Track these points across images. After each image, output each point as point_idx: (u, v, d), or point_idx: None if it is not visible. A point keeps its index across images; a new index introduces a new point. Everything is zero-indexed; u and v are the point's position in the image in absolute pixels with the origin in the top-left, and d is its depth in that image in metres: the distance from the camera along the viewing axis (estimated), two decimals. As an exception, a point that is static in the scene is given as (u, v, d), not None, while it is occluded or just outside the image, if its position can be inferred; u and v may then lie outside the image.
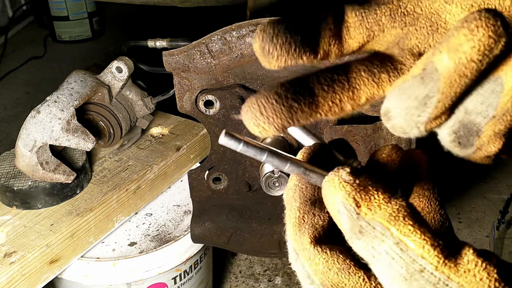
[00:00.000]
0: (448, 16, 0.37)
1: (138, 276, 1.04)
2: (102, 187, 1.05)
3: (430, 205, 0.42)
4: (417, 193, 0.41)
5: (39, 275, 0.91)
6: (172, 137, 1.24)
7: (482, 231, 1.72)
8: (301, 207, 0.37)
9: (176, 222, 1.13)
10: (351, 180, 0.33)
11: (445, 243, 0.31)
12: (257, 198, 1.00)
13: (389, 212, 0.32)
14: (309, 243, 0.35)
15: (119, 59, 1.09)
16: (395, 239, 0.31)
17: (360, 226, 0.32)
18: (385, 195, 0.32)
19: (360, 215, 0.32)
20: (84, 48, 3.21)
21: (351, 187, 0.33)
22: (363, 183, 0.33)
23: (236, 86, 0.87)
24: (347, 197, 0.32)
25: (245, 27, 0.82)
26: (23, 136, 0.94)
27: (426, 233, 0.31)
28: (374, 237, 0.32)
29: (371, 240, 0.32)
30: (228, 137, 0.35)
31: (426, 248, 0.30)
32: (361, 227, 0.32)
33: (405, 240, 0.31)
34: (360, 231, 0.32)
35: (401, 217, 0.31)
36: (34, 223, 0.95)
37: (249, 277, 1.56)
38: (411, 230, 0.31)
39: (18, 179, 0.98)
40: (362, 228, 0.32)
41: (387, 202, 0.32)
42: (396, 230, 0.31)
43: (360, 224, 0.32)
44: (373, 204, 0.32)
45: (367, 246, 0.32)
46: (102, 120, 1.08)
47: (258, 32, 0.35)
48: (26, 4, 3.53)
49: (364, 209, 0.32)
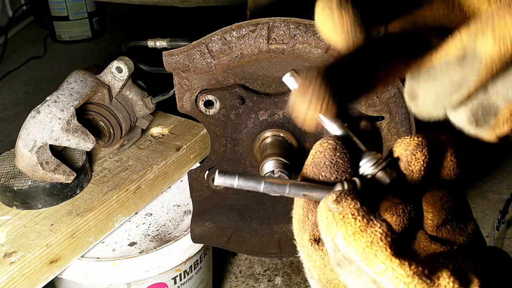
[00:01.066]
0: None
1: (138, 276, 1.04)
2: (102, 187, 1.05)
3: (454, 200, 0.40)
4: (439, 187, 0.40)
5: (39, 275, 0.91)
6: (172, 137, 1.24)
7: (482, 231, 1.71)
8: (305, 205, 0.38)
9: (176, 222, 1.13)
10: (334, 208, 0.32)
11: (425, 274, 0.29)
12: (257, 198, 1.00)
13: (364, 243, 0.30)
14: (308, 240, 0.36)
15: (119, 59, 1.09)
16: (371, 277, 0.30)
17: (338, 259, 0.31)
18: (362, 222, 0.31)
19: (336, 247, 0.31)
20: (84, 48, 3.21)
21: (332, 217, 0.32)
22: (345, 210, 0.32)
23: (236, 86, 0.87)
24: (326, 228, 0.32)
25: (245, 27, 0.82)
26: (23, 136, 0.94)
27: (401, 267, 0.29)
28: (350, 272, 0.31)
29: (349, 274, 0.31)
30: (222, 176, 0.35)
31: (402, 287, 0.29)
32: (339, 259, 0.31)
33: (379, 280, 0.30)
34: (338, 263, 0.32)
35: (376, 251, 0.30)
36: (34, 223, 0.95)
37: (249, 277, 1.55)
38: (386, 267, 0.30)
39: (18, 179, 0.98)
40: (340, 261, 0.31)
41: (363, 231, 0.31)
42: (370, 270, 0.30)
43: (338, 257, 0.31)
44: (349, 234, 0.31)
45: (347, 279, 0.31)
46: (102, 120, 1.08)
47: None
48: (26, 4, 3.53)
49: (339, 241, 0.31)
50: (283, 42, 0.82)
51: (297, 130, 0.90)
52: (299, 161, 0.94)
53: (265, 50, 0.83)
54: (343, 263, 0.31)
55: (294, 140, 0.90)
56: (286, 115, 0.89)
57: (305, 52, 0.82)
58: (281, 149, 0.86)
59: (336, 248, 0.31)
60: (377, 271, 0.30)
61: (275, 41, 0.82)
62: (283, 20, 0.81)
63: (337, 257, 0.31)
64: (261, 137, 0.90)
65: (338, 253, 0.31)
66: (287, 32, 0.82)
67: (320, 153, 0.40)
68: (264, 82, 0.89)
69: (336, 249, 0.31)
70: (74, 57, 3.07)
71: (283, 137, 0.89)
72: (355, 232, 0.31)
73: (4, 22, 3.30)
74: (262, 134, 0.90)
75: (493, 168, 2.01)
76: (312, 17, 0.41)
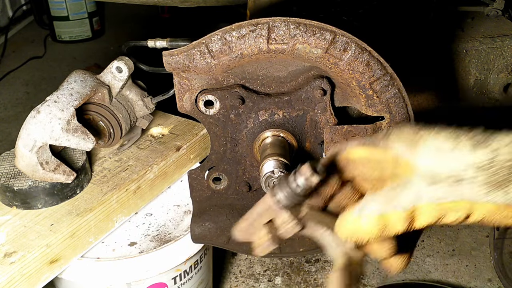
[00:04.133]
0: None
1: (138, 276, 1.04)
2: (102, 187, 1.05)
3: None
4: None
5: (39, 275, 0.91)
6: (172, 137, 1.24)
7: (482, 231, 1.72)
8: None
9: (176, 222, 1.13)
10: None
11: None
12: (257, 198, 1.00)
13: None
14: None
15: (119, 59, 1.09)
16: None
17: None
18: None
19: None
20: (84, 48, 3.21)
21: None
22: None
23: (236, 86, 0.87)
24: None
25: (245, 27, 0.82)
26: (23, 136, 0.94)
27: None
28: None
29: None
30: None
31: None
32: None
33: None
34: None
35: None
36: (34, 223, 0.95)
37: (249, 277, 1.56)
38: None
39: (18, 179, 0.98)
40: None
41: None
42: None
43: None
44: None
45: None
46: (102, 120, 1.08)
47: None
48: (26, 4, 3.53)
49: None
50: (283, 42, 0.82)
51: (297, 130, 0.90)
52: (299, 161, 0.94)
53: (265, 50, 0.83)
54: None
55: (294, 140, 0.90)
56: (286, 115, 0.89)
57: (305, 52, 0.82)
58: (281, 149, 0.86)
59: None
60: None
61: (275, 41, 0.82)
62: (283, 20, 0.81)
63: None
64: (261, 137, 0.90)
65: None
66: (287, 32, 0.82)
67: None
68: (264, 82, 0.89)
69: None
70: (74, 57, 3.07)
71: (283, 137, 0.89)
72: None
73: (4, 22, 3.30)
74: (262, 134, 0.90)
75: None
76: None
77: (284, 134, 0.89)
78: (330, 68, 0.83)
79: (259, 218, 0.60)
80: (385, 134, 0.56)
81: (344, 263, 0.54)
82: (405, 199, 0.52)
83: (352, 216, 0.55)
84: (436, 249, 1.66)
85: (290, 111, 0.88)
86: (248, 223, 0.61)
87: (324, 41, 0.81)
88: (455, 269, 1.58)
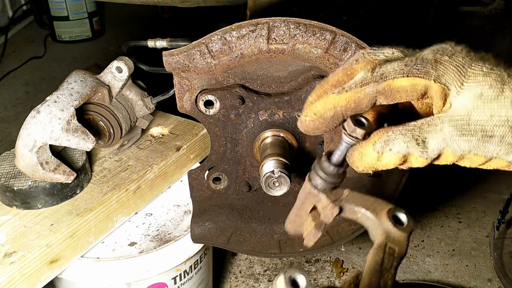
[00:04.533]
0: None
1: (138, 276, 1.04)
2: (102, 187, 1.05)
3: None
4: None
5: (39, 275, 0.91)
6: (172, 137, 1.24)
7: (482, 231, 1.72)
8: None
9: (176, 222, 1.13)
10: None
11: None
12: (257, 198, 1.00)
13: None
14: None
15: (119, 59, 1.09)
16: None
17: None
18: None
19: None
20: (84, 48, 3.21)
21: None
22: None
23: (236, 86, 0.87)
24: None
25: (245, 27, 0.82)
26: (23, 136, 0.94)
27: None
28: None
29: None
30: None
31: None
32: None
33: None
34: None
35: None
36: (34, 223, 0.95)
37: (249, 277, 1.55)
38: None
39: (18, 179, 0.98)
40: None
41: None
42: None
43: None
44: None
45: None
46: (102, 120, 1.08)
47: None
48: (26, 4, 3.53)
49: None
50: (283, 42, 0.82)
51: (297, 130, 0.90)
52: (299, 161, 0.94)
53: (265, 50, 0.83)
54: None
55: (294, 140, 0.90)
56: (286, 115, 0.89)
57: (305, 52, 0.82)
58: (281, 149, 0.86)
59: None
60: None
61: (275, 41, 0.82)
62: (283, 20, 0.81)
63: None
64: (261, 137, 0.90)
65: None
66: (287, 32, 0.82)
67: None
68: (264, 82, 0.89)
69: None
70: (74, 57, 3.07)
71: (283, 137, 0.89)
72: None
73: (4, 22, 3.30)
74: (262, 134, 0.90)
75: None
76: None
77: (284, 134, 0.89)
78: (330, 68, 0.83)
79: (302, 206, 0.59)
80: (433, 63, 0.52)
81: (383, 242, 0.52)
82: (433, 143, 0.50)
83: (374, 150, 0.52)
84: (436, 249, 1.66)
85: (290, 111, 0.88)
86: (294, 214, 0.60)
87: (324, 41, 0.81)
88: (455, 269, 1.58)
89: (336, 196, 0.57)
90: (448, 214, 1.80)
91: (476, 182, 1.93)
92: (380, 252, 0.51)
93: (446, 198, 1.86)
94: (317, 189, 0.57)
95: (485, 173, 2.03)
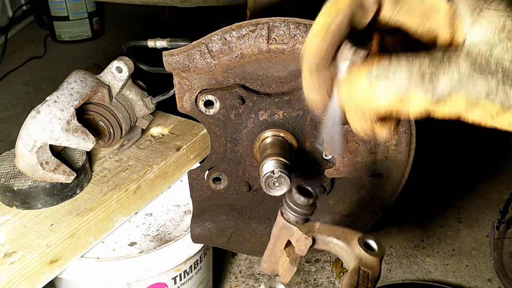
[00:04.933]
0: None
1: (138, 276, 1.04)
2: (102, 187, 1.05)
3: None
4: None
5: (39, 275, 0.91)
6: (172, 137, 1.24)
7: (482, 231, 1.72)
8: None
9: (176, 222, 1.13)
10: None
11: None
12: (257, 198, 1.00)
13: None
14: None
15: (119, 59, 1.09)
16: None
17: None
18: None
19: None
20: (84, 48, 3.21)
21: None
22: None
23: (236, 86, 0.87)
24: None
25: (245, 27, 0.82)
26: (23, 136, 0.94)
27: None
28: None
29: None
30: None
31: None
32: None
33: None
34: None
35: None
36: (34, 223, 0.95)
37: (249, 277, 1.56)
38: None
39: (18, 179, 0.98)
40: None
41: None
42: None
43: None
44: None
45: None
46: (102, 120, 1.08)
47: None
48: (26, 4, 3.53)
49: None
50: (283, 42, 0.82)
51: (297, 130, 0.90)
52: (299, 161, 0.94)
53: (265, 50, 0.83)
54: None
55: (294, 140, 0.90)
56: (286, 115, 0.89)
57: (305, 52, 0.82)
58: (281, 149, 0.86)
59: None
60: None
61: (275, 41, 0.82)
62: (283, 20, 0.81)
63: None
64: (261, 137, 0.90)
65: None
66: (287, 32, 0.82)
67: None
68: (264, 82, 0.89)
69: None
70: (74, 57, 3.07)
71: (283, 137, 0.89)
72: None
73: (4, 22, 3.30)
74: (262, 134, 0.90)
75: (493, 168, 2.01)
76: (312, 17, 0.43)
77: (284, 134, 0.89)
78: (330, 68, 0.83)
79: (277, 243, 0.61)
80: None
81: (356, 267, 0.54)
82: (444, 82, 0.40)
83: (367, 77, 0.42)
84: (436, 249, 1.66)
85: (290, 111, 0.88)
86: (269, 252, 0.63)
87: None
88: (455, 269, 1.58)
89: (308, 228, 0.60)
90: (448, 214, 1.80)
91: (476, 182, 1.93)
92: (355, 276, 0.54)
93: (446, 198, 1.86)
94: (289, 222, 0.59)
95: (485, 173, 2.03)
